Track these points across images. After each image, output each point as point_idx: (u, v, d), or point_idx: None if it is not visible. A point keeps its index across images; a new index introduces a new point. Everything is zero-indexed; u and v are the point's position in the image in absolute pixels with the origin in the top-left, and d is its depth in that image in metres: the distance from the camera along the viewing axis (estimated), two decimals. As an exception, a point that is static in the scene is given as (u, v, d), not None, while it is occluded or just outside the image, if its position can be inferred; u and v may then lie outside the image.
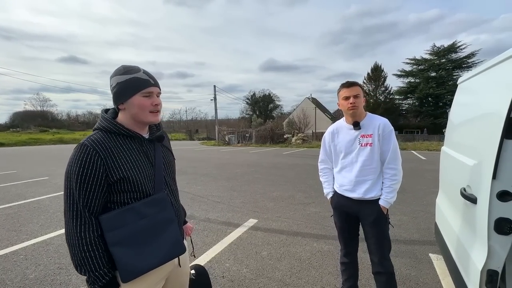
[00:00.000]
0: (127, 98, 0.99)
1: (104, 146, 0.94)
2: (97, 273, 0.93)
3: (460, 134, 1.94)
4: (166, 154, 1.17)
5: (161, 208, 1.04)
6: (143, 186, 1.01)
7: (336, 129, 1.81)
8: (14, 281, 2.36)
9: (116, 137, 1.00)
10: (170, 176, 1.16)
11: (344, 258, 1.89)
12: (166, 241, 1.03)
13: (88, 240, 0.92)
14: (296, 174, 7.68)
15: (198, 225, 3.67)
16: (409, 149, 15.73)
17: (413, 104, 35.83)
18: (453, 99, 2.26)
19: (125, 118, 1.03)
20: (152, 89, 1.02)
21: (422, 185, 5.79)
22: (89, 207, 0.93)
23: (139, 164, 1.01)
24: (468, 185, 1.54)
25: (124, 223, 0.96)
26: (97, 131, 0.99)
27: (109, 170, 0.93)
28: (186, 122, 60.42)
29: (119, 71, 1.01)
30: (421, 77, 33.02)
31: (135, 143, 1.04)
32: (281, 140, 23.30)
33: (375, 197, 1.66)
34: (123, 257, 0.94)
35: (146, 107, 1.01)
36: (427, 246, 2.92)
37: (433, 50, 32.44)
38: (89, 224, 0.92)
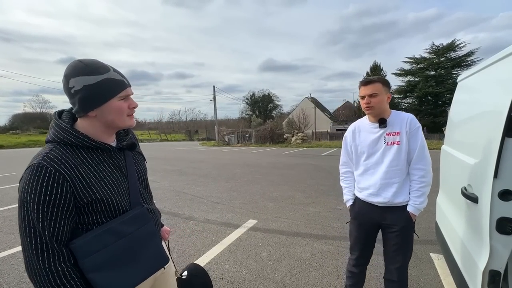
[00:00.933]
0: (102, 103, 0.83)
1: (67, 164, 0.78)
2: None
3: (461, 133, 1.92)
4: (138, 160, 1.04)
5: (141, 224, 0.94)
6: (118, 204, 0.88)
7: (358, 128, 1.66)
8: (11, 284, 2.34)
9: (80, 151, 0.83)
10: (143, 184, 1.05)
11: (354, 268, 1.73)
12: (148, 256, 0.95)
13: (61, 273, 0.77)
14: (296, 174, 7.66)
15: (197, 226, 3.65)
16: (409, 148, 15.69)
17: (413, 103, 35.81)
18: (453, 98, 2.24)
19: (91, 126, 0.86)
20: (128, 90, 0.89)
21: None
22: (56, 237, 0.77)
23: (111, 179, 0.88)
24: (469, 184, 1.52)
25: (101, 246, 0.83)
26: (54, 145, 0.80)
27: (77, 193, 0.79)
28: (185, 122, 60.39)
29: (82, 70, 0.81)
30: (421, 76, 33.02)
31: (103, 155, 0.88)
32: (281, 140, 23.27)
33: (403, 202, 1.51)
34: (103, 281, 0.82)
35: (124, 111, 0.88)
36: (428, 245, 2.90)
37: (432, 49, 32.45)
38: (58, 255, 0.77)
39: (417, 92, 33.07)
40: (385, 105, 1.53)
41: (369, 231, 1.65)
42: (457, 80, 2.23)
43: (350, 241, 1.76)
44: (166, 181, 6.90)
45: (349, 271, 1.77)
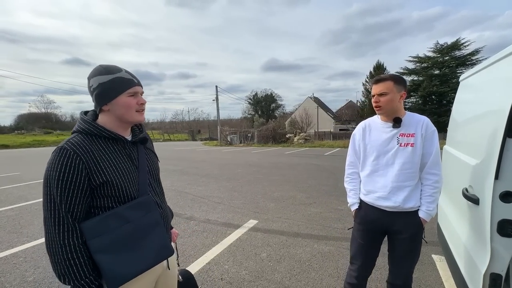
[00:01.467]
0: (112, 98, 0.96)
1: (85, 148, 0.90)
2: (83, 282, 0.89)
3: (462, 133, 1.89)
4: (149, 156, 1.14)
5: (146, 211, 1.01)
6: (126, 189, 0.97)
7: (369, 126, 1.56)
8: (12, 283, 2.36)
9: (98, 140, 0.95)
10: (155, 179, 1.13)
11: (353, 279, 1.58)
12: (153, 245, 1.00)
13: (72, 247, 0.87)
14: (298, 174, 7.63)
15: (198, 226, 3.64)
16: (412, 147, 15.56)
17: (416, 103, 35.47)
18: (455, 97, 2.21)
19: (108, 120, 0.99)
20: (137, 88, 1.00)
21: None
22: (72, 213, 0.88)
23: (123, 167, 0.98)
24: (470, 186, 1.49)
25: (108, 229, 0.92)
26: (77, 134, 0.95)
27: (92, 174, 0.90)
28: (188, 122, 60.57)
29: (99, 71, 0.97)
30: (424, 75, 32.72)
31: (118, 145, 1.00)
32: (283, 140, 23.24)
33: (414, 207, 1.42)
34: (108, 264, 0.90)
35: (132, 106, 0.99)
36: (430, 247, 2.86)
37: (437, 48, 32.13)
38: (72, 230, 0.88)
39: (421, 92, 32.76)
40: (396, 104, 1.43)
41: (376, 238, 1.54)
42: (460, 79, 2.20)
43: (351, 249, 1.63)
44: (167, 181, 6.92)
45: (348, 283, 1.61)
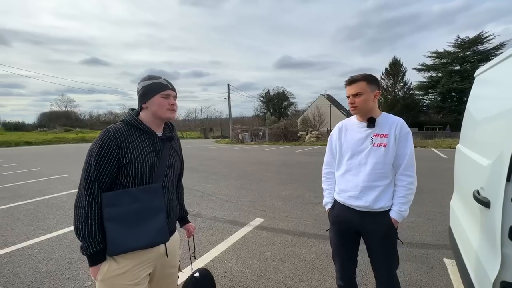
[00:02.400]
0: (150, 97, 1.18)
1: (122, 133, 1.13)
2: (91, 240, 1.06)
3: (475, 131, 1.78)
4: (172, 154, 1.30)
5: (154, 196, 1.17)
6: (144, 174, 1.15)
7: (345, 126, 1.59)
8: (27, 274, 2.47)
9: (134, 130, 1.17)
10: (172, 173, 1.28)
11: (339, 280, 1.61)
12: (153, 227, 1.15)
13: (93, 209, 1.07)
14: (307, 172, 7.54)
15: (204, 223, 3.68)
16: (429, 146, 15.00)
17: (435, 100, 34.16)
18: (470, 93, 2.09)
19: (146, 116, 1.21)
20: (169, 92, 1.22)
21: (441, 185, 5.48)
22: (99, 181, 1.08)
23: (146, 154, 1.17)
24: (481, 187, 1.40)
25: (120, 202, 1.10)
26: (121, 122, 1.18)
27: (122, 153, 1.11)
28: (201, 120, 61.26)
29: (145, 78, 1.22)
30: (444, 71, 31.39)
31: (148, 137, 1.20)
32: (295, 138, 23.04)
33: (384, 207, 1.42)
34: (113, 233, 1.08)
35: (164, 105, 1.20)
36: (442, 250, 2.74)
37: (457, 42, 30.72)
38: (96, 195, 1.08)
39: (440, 88, 31.49)
40: (371, 104, 1.44)
41: (349, 237, 1.54)
42: (475, 74, 2.07)
43: (332, 252, 1.65)
44: (178, 178, 7.03)
45: (338, 285, 1.63)
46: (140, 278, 1.16)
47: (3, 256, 2.82)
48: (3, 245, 3.07)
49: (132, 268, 1.13)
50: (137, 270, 1.14)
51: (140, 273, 1.16)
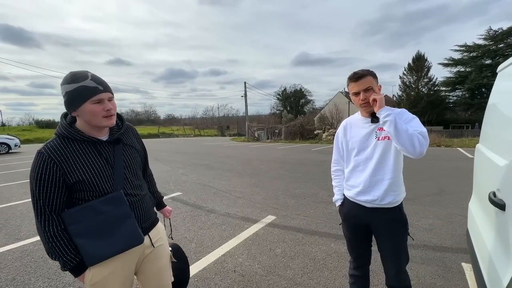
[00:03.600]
0: (78, 106, 1.04)
1: (59, 152, 1.02)
2: (65, 259, 1.06)
3: (495, 130, 1.69)
4: (127, 153, 1.21)
5: (116, 205, 1.11)
6: (100, 186, 1.09)
7: (349, 124, 1.61)
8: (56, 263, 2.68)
9: (72, 143, 1.06)
10: (132, 173, 1.21)
11: (354, 270, 1.66)
12: (124, 233, 1.12)
13: (52, 233, 1.04)
14: (323, 171, 7.44)
15: (217, 219, 3.77)
16: (454, 146, 14.21)
17: (463, 96, 32.15)
18: (492, 90, 1.97)
19: (81, 123, 1.09)
20: (101, 95, 1.05)
21: (464, 187, 5.20)
22: (49, 206, 1.03)
23: (96, 166, 1.08)
24: (498, 189, 1.34)
25: (83, 218, 1.07)
26: (55, 138, 1.07)
27: (66, 175, 1.03)
28: (218, 118, 62.11)
29: (66, 79, 1.04)
30: (473, 65, 29.45)
31: (91, 146, 1.09)
32: (311, 136, 22.72)
33: (392, 203, 1.42)
34: (85, 246, 1.07)
35: (98, 113, 1.05)
36: (460, 254, 2.62)
37: (489, 35, 28.60)
38: (50, 220, 1.04)
39: (469, 84, 29.58)
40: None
41: (360, 232, 1.57)
42: (498, 69, 1.95)
43: (346, 244, 1.70)
44: (194, 174, 7.22)
45: (350, 275, 1.68)
46: (128, 272, 1.18)
47: (34, 243, 3.08)
48: (34, 234, 3.34)
49: (117, 267, 1.14)
50: (123, 267, 1.16)
51: (126, 268, 1.17)
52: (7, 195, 5.36)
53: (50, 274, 2.43)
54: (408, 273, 1.51)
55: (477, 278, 1.65)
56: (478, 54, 29.33)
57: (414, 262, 2.47)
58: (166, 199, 4.81)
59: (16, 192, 5.55)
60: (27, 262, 2.65)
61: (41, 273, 2.45)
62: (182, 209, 4.25)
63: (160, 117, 68.89)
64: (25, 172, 8.09)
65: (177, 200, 4.77)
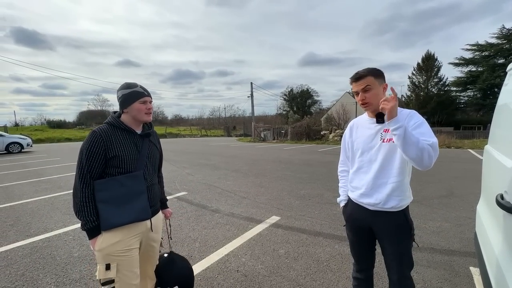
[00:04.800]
0: (130, 104, 1.41)
1: (107, 133, 1.36)
2: (88, 218, 1.31)
3: (503, 131, 1.64)
4: (151, 148, 1.54)
5: (136, 182, 1.41)
6: (127, 164, 1.39)
7: (356, 124, 1.59)
8: (62, 257, 2.74)
9: (116, 130, 1.41)
10: (151, 163, 1.52)
11: (357, 273, 1.63)
12: (137, 206, 1.39)
13: (87, 194, 1.31)
14: (328, 172, 7.38)
15: (222, 219, 3.78)
16: (465, 147, 13.88)
17: (474, 96, 31.37)
18: (501, 89, 1.92)
19: (127, 118, 1.45)
20: (146, 98, 1.44)
21: (474, 189, 5.07)
22: (90, 173, 1.32)
23: (128, 149, 1.40)
24: (505, 191, 1.30)
25: (108, 188, 1.35)
26: (106, 124, 1.42)
27: (107, 149, 1.34)
28: (225, 119, 62.36)
29: (123, 86, 1.43)
30: (485, 65, 28.68)
31: (129, 135, 1.44)
32: (318, 137, 22.57)
33: (396, 207, 1.37)
34: (104, 212, 1.33)
35: (142, 110, 1.44)
36: (469, 258, 2.56)
37: (502, 33, 27.79)
38: (88, 184, 1.32)
39: (480, 84, 28.84)
40: (381, 98, 1.36)
41: (363, 234, 1.53)
42: (507, 68, 1.90)
43: (349, 246, 1.67)
44: (200, 174, 7.27)
45: (354, 277, 1.65)
46: (132, 246, 1.39)
47: (43, 240, 3.15)
48: (44, 231, 3.43)
49: (123, 238, 1.36)
50: (128, 239, 1.38)
51: (131, 242, 1.39)
52: (19, 193, 5.52)
53: (57, 270, 2.48)
54: (414, 277, 1.49)
55: (484, 283, 1.60)
56: (490, 53, 28.56)
57: (421, 266, 2.42)
58: (172, 198, 4.86)
59: (28, 190, 5.70)
60: (36, 258, 2.72)
61: (49, 269, 2.51)
62: (187, 208, 4.29)
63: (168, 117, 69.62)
64: (36, 171, 8.31)
65: (182, 199, 4.81)
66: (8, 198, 5.09)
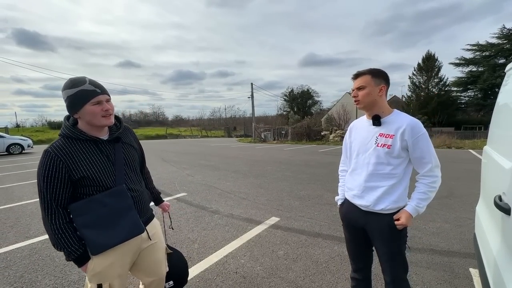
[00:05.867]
0: (79, 108, 1.13)
1: (64, 151, 1.11)
2: (69, 249, 1.14)
3: (502, 131, 1.64)
4: (127, 150, 1.31)
5: (120, 198, 1.21)
6: (102, 181, 1.17)
7: (355, 125, 1.60)
8: (61, 258, 2.73)
9: (76, 142, 1.15)
10: (132, 169, 1.31)
11: (354, 273, 1.63)
12: (126, 224, 1.21)
13: (58, 226, 1.12)
14: (329, 172, 7.36)
15: (221, 220, 3.78)
16: (466, 147, 13.86)
17: (475, 97, 31.30)
18: (500, 90, 1.91)
19: (83, 124, 1.18)
20: (99, 97, 1.15)
21: (475, 189, 5.06)
22: (56, 200, 1.12)
23: (98, 163, 1.17)
24: (503, 193, 1.30)
25: (89, 210, 1.15)
26: (60, 138, 1.16)
27: (71, 171, 1.11)
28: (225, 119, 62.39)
29: (67, 85, 1.13)
30: (486, 65, 28.62)
31: (93, 145, 1.19)
32: (318, 137, 22.55)
33: (385, 210, 1.37)
34: (90, 236, 1.15)
35: (97, 113, 1.15)
36: (468, 259, 2.54)
37: (503, 33, 27.73)
38: (56, 213, 1.13)
39: (481, 84, 28.77)
40: (375, 98, 1.38)
41: (358, 234, 1.54)
42: (506, 68, 1.89)
43: (346, 246, 1.68)
44: (199, 175, 7.27)
45: (352, 278, 1.65)
46: (127, 263, 1.27)
47: (42, 241, 3.15)
48: (43, 232, 3.42)
49: (117, 258, 1.22)
50: (122, 258, 1.25)
51: (126, 259, 1.26)
52: (19, 194, 5.53)
53: (56, 272, 2.48)
54: (414, 278, 1.48)
55: (483, 284, 1.60)
56: (491, 53, 28.52)
57: (420, 267, 2.41)
58: (171, 199, 4.86)
59: (28, 191, 5.71)
60: (35, 260, 2.72)
61: (48, 270, 2.51)
62: (186, 209, 4.29)
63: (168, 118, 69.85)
64: (36, 172, 8.32)
65: (182, 200, 4.81)
66: (8, 200, 5.10)
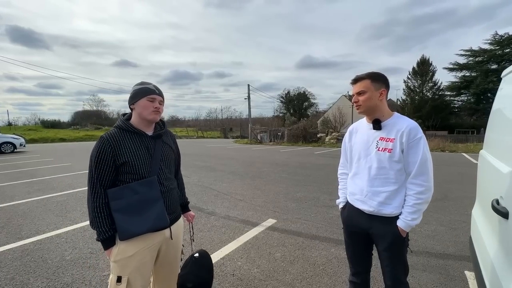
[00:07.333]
0: (137, 100, 1.34)
1: (115, 139, 1.29)
2: (102, 229, 1.26)
3: (499, 136, 1.66)
4: (165, 149, 1.45)
5: (151, 188, 1.33)
6: (139, 170, 1.31)
7: (355, 128, 1.58)
8: (54, 260, 2.68)
9: (125, 133, 1.33)
10: (166, 166, 1.44)
11: (352, 277, 1.63)
12: (153, 214, 1.31)
13: (97, 204, 1.26)
14: (325, 174, 7.39)
15: (217, 221, 3.75)
16: (459, 151, 14.06)
17: (468, 101, 31.87)
18: (496, 95, 1.94)
19: (135, 118, 1.37)
20: (155, 96, 1.35)
21: (469, 193, 5.13)
22: (100, 181, 1.27)
23: (139, 153, 1.33)
24: (501, 197, 1.31)
25: (122, 196, 1.28)
26: (114, 128, 1.36)
27: (116, 156, 1.27)
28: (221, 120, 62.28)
29: (137, 83, 1.39)
30: (479, 70, 29.20)
31: (139, 138, 1.36)
32: (314, 139, 22.65)
33: (391, 214, 1.37)
34: (121, 221, 1.27)
35: (149, 107, 1.34)
36: (464, 262, 2.57)
37: (495, 39, 28.38)
38: (98, 193, 1.27)
39: (474, 89, 29.33)
40: (376, 103, 1.39)
41: (359, 238, 1.53)
42: (502, 74, 1.92)
43: (345, 249, 1.67)
44: (195, 176, 7.22)
45: (350, 281, 1.64)
46: (147, 259, 1.34)
47: (34, 242, 3.09)
48: (35, 233, 3.36)
49: (139, 250, 1.31)
50: (143, 251, 1.32)
51: (146, 254, 1.34)
52: (10, 194, 5.41)
53: (49, 274, 2.43)
54: (410, 281, 1.49)
55: (479, 286, 1.61)
56: (483, 58, 29.11)
57: (416, 269, 2.42)
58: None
59: (19, 191, 5.60)
60: (27, 261, 2.66)
61: (40, 273, 2.45)
62: (182, 211, 4.24)
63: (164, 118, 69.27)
64: (29, 172, 8.18)
65: (178, 201, 4.76)
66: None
